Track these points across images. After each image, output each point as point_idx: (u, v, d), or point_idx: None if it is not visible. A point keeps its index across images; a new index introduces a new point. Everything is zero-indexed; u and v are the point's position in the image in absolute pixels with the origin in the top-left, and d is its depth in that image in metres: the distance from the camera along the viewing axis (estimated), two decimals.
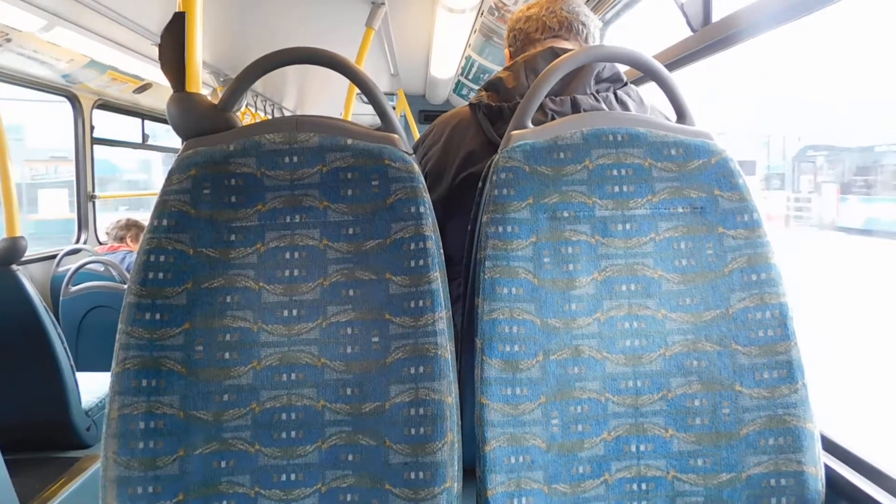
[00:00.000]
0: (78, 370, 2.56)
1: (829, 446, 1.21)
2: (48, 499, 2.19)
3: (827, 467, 1.11)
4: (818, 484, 1.05)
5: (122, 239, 4.09)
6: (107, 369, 1.04)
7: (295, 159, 1.07)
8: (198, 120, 1.13)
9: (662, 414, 1.07)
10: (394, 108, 1.19)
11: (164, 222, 1.04)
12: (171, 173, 1.06)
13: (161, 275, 1.03)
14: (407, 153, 1.09)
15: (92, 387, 2.73)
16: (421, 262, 1.05)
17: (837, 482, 1.14)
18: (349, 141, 1.08)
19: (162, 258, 1.03)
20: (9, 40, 3.00)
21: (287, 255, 1.06)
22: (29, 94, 3.98)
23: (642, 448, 1.06)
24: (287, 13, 3.49)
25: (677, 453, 1.06)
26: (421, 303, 1.04)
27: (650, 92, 1.43)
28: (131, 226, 4.14)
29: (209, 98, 1.18)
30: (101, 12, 2.98)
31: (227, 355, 1.04)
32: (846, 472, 1.15)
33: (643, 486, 1.06)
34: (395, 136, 1.11)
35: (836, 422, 1.33)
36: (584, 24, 1.51)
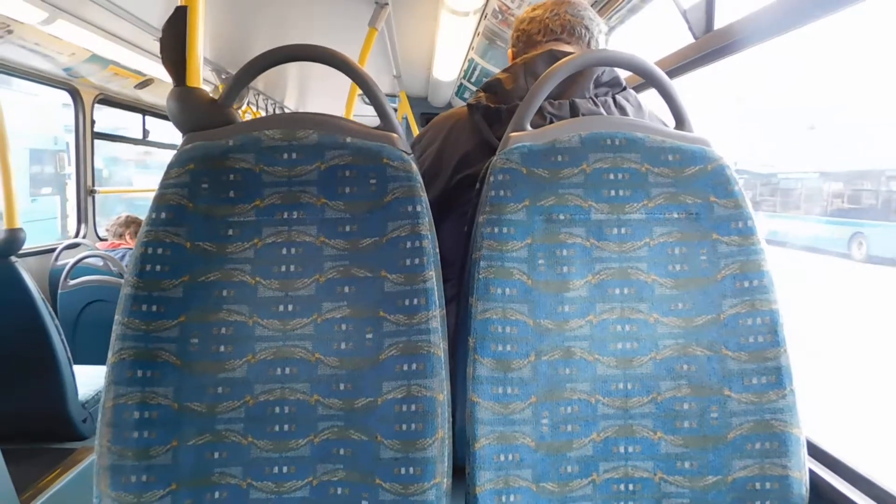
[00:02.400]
0: (75, 364, 2.56)
1: (814, 451, 1.22)
2: (44, 489, 2.20)
3: (810, 471, 1.12)
4: (802, 488, 1.06)
5: (121, 236, 4.09)
6: (104, 362, 1.04)
7: (293, 156, 1.08)
8: (197, 115, 1.14)
9: (651, 416, 1.07)
10: (395, 111, 1.19)
11: (162, 215, 1.04)
12: (169, 167, 1.07)
13: (158, 267, 1.03)
14: (405, 152, 1.10)
15: (88, 379, 2.72)
16: (416, 261, 1.06)
17: (820, 486, 1.16)
18: (348, 139, 1.09)
19: (159, 251, 1.04)
20: (10, 32, 3.00)
21: (283, 251, 1.07)
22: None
23: (630, 449, 1.07)
24: (290, 11, 3.50)
25: (665, 455, 1.07)
26: (415, 301, 1.05)
27: (650, 98, 1.44)
28: (130, 222, 4.14)
29: (210, 95, 1.18)
30: (102, 6, 2.99)
31: (221, 348, 1.04)
32: (829, 477, 1.16)
33: (630, 486, 1.06)
34: (394, 135, 1.11)
35: None
36: (587, 29, 1.50)
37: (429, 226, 1.08)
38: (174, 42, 1.19)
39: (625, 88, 1.42)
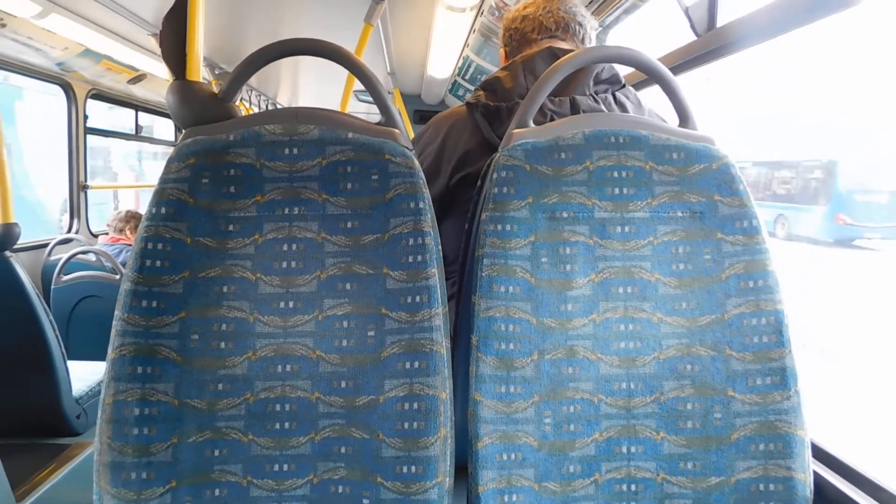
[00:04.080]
0: (69, 359, 2.54)
1: (818, 453, 1.22)
2: (39, 484, 2.18)
3: (815, 473, 1.12)
4: (806, 490, 1.06)
5: (121, 231, 4.07)
6: (97, 358, 1.03)
7: (295, 151, 1.07)
8: (198, 109, 1.13)
9: (654, 417, 1.07)
10: None
11: (163, 210, 1.03)
12: (170, 161, 1.05)
13: (158, 263, 1.02)
14: (407, 148, 1.09)
15: (82, 375, 2.70)
16: (419, 258, 1.05)
17: (825, 488, 1.15)
18: (350, 134, 1.08)
19: (159, 246, 1.03)
20: (3, 25, 2.97)
21: (284, 247, 1.06)
22: None
23: (633, 450, 1.06)
24: (284, 7, 3.48)
25: (667, 456, 1.06)
26: (418, 298, 1.04)
27: (650, 96, 1.43)
28: (131, 218, 4.12)
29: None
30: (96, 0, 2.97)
31: (222, 345, 1.03)
32: (834, 479, 1.16)
33: (632, 487, 1.06)
34: (396, 130, 1.10)
35: None
36: (580, 25, 1.50)
37: (431, 223, 1.07)
38: (174, 35, 1.18)
39: (624, 86, 1.42)
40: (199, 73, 1.19)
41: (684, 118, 1.16)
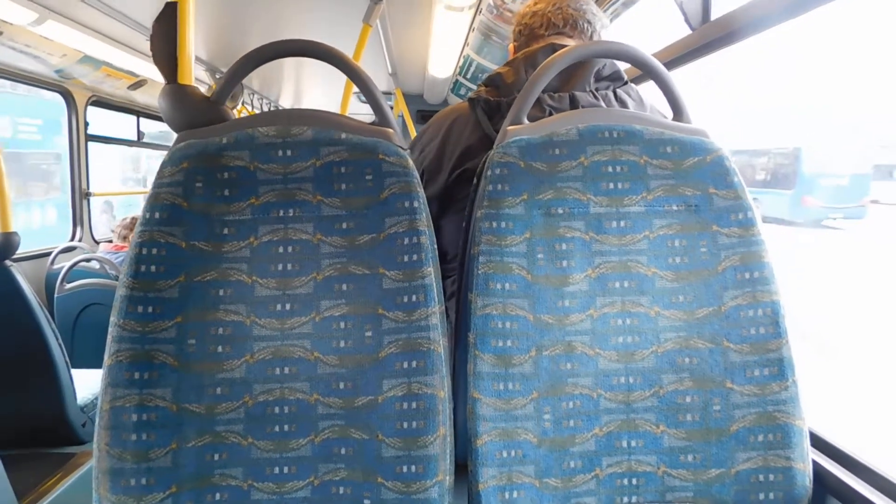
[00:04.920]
0: (73, 367, 2.54)
1: (817, 442, 1.22)
2: (44, 494, 2.18)
3: (814, 462, 1.12)
4: (805, 479, 1.06)
5: (125, 238, 4.07)
6: (102, 366, 1.03)
7: (288, 153, 1.07)
8: (190, 112, 1.13)
9: (654, 410, 1.07)
10: (391, 109, 1.18)
11: (157, 215, 1.03)
12: (163, 166, 1.05)
13: (153, 268, 1.02)
14: (401, 147, 1.09)
15: (87, 383, 2.71)
16: (415, 257, 1.05)
17: (824, 477, 1.15)
18: (343, 135, 1.08)
19: (154, 251, 1.02)
20: (0, 33, 2.98)
21: (280, 249, 1.06)
22: None
23: (633, 444, 1.07)
24: (284, 8, 3.47)
25: (668, 449, 1.07)
26: (414, 297, 1.04)
27: (650, 92, 1.42)
28: (136, 225, 4.10)
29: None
30: (93, 6, 2.97)
31: (219, 348, 1.03)
32: (832, 468, 1.16)
33: (634, 481, 1.06)
34: (390, 130, 1.10)
35: None
36: (589, 23, 1.49)
37: (426, 221, 1.07)
38: (165, 39, 1.18)
39: (626, 82, 1.41)
40: (192, 76, 1.19)
41: (678, 111, 1.16)
